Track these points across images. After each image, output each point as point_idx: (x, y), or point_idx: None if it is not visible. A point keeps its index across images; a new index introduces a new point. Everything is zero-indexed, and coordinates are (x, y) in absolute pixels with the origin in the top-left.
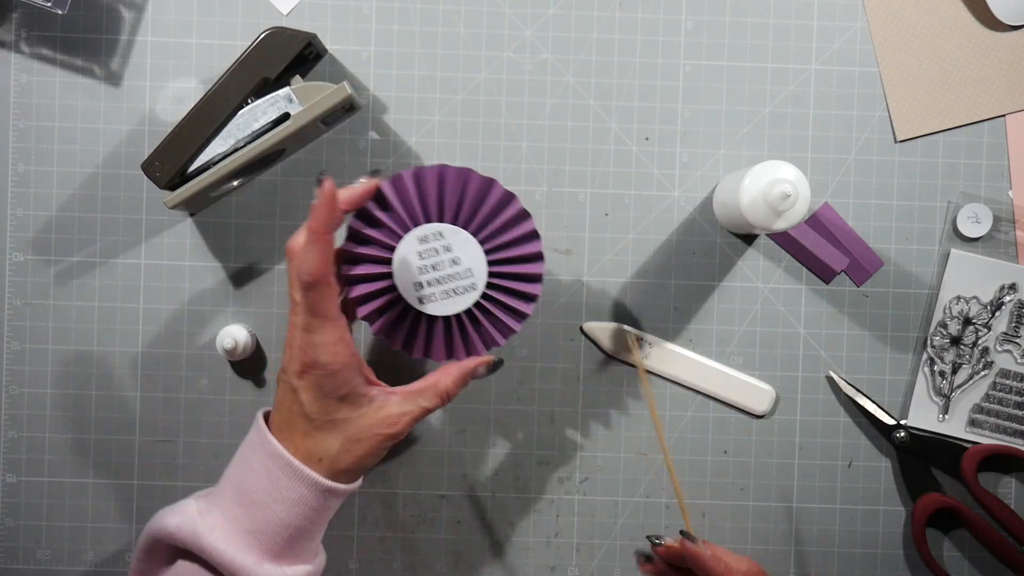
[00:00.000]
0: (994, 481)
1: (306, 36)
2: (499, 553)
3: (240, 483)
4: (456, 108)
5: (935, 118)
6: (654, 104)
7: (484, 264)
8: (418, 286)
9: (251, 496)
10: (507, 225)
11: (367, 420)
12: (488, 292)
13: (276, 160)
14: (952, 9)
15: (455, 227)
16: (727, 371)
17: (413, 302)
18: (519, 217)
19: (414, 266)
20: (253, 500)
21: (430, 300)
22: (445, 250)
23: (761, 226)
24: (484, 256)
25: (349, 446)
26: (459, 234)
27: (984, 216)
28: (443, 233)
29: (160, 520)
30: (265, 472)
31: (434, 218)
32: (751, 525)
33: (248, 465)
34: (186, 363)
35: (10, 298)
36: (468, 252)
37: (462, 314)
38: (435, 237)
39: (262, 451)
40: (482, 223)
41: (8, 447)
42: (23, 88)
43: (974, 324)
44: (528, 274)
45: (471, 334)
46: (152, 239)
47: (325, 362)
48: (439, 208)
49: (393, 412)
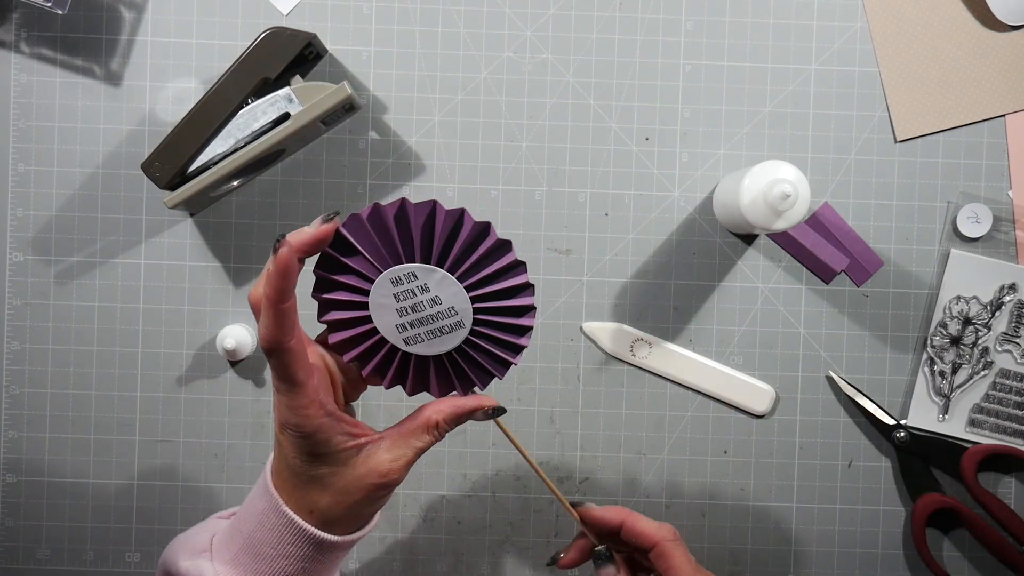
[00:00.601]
0: (994, 481)
1: (306, 36)
2: (499, 553)
3: (249, 532)
4: (456, 108)
5: (935, 118)
6: (654, 104)
7: (467, 301)
8: (401, 328)
9: (257, 548)
10: (486, 257)
11: (355, 472)
12: (477, 328)
13: (276, 160)
14: (952, 9)
15: (428, 266)
16: (727, 371)
17: (399, 344)
18: (498, 248)
19: (392, 309)
20: (259, 552)
21: (416, 341)
22: (422, 290)
23: (761, 226)
24: (466, 292)
25: (339, 498)
26: (434, 273)
27: (984, 216)
28: (416, 274)
29: (173, 554)
30: (270, 525)
31: (403, 259)
32: (751, 525)
33: (254, 513)
34: (186, 363)
35: (10, 298)
36: (447, 290)
37: (453, 352)
38: (408, 279)
39: (266, 503)
40: (458, 258)
41: (8, 447)
42: (23, 88)
43: (974, 324)
44: (517, 307)
45: (466, 370)
46: (152, 239)
47: (296, 424)
48: (407, 247)
49: (383, 460)
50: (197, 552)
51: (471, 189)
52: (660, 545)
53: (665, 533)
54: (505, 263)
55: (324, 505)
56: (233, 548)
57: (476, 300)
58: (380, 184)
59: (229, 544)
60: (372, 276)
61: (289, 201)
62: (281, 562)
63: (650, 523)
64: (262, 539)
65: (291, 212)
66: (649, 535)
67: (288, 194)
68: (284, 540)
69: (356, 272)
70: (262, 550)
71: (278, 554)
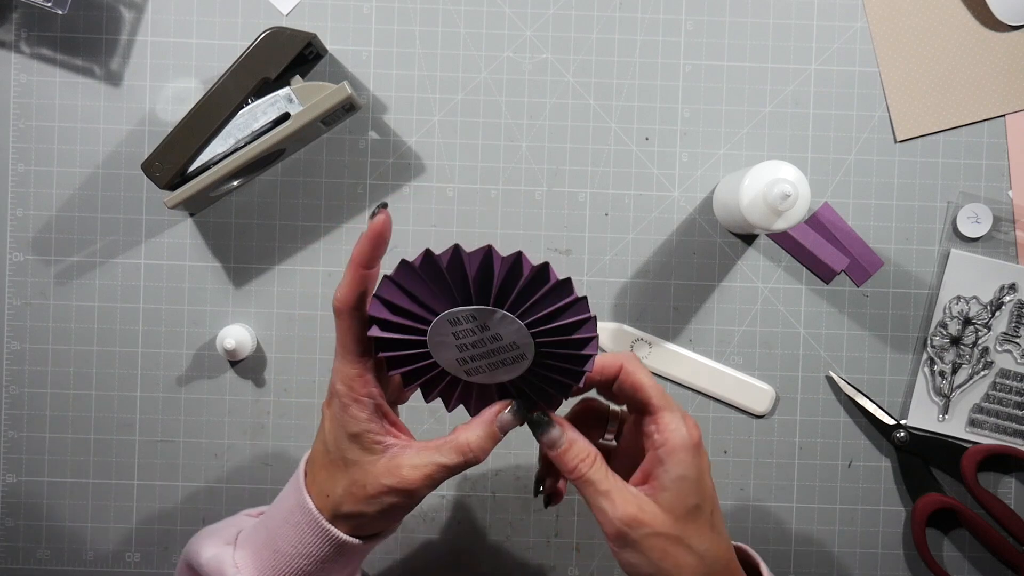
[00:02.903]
0: (994, 481)
1: (306, 36)
2: (499, 553)
3: (274, 528)
4: (456, 108)
5: (935, 118)
6: (654, 104)
7: (529, 336)
8: (461, 361)
9: (278, 544)
10: (547, 296)
11: (376, 467)
12: (541, 360)
13: (276, 160)
14: (952, 9)
15: (487, 307)
16: (727, 371)
17: (460, 375)
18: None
19: (452, 345)
20: (279, 548)
21: (477, 372)
22: (482, 329)
23: (761, 226)
24: (527, 329)
25: (354, 489)
26: (494, 313)
27: (984, 216)
28: (475, 315)
29: (197, 544)
30: (293, 522)
31: (460, 302)
32: (751, 525)
33: (282, 509)
34: (186, 363)
35: (10, 298)
36: (507, 327)
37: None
38: (467, 319)
39: (294, 499)
40: (516, 300)
41: (8, 447)
42: (23, 88)
43: (974, 324)
44: (579, 339)
45: (528, 394)
46: (152, 239)
47: (340, 392)
48: (463, 291)
49: (404, 464)
50: (221, 544)
51: (471, 189)
52: None
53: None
54: (566, 301)
55: (340, 491)
56: (257, 542)
57: (538, 336)
58: (380, 184)
59: (253, 538)
60: (428, 318)
61: (289, 201)
62: (299, 560)
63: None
64: (284, 536)
65: (291, 212)
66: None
67: (288, 194)
68: (305, 538)
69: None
70: (283, 547)
71: (297, 552)
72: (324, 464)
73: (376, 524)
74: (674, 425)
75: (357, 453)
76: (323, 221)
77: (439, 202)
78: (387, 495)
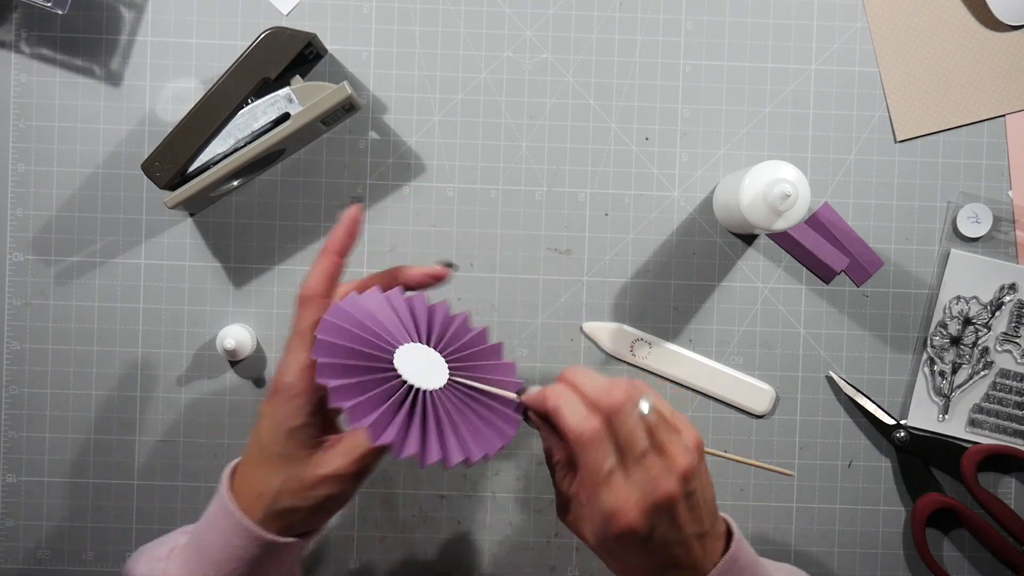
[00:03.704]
0: (994, 481)
1: (306, 36)
2: (499, 553)
3: (200, 536)
4: (456, 108)
5: (935, 118)
6: (654, 104)
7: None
8: None
9: (205, 550)
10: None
11: (311, 459)
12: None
13: (276, 160)
14: (952, 9)
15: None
16: (727, 371)
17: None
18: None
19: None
20: (207, 555)
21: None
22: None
23: (761, 226)
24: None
25: (291, 483)
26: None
27: (984, 216)
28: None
29: (132, 564)
30: (218, 527)
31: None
32: (751, 525)
33: (209, 515)
34: (186, 363)
35: (10, 298)
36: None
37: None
38: None
39: (216, 504)
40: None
41: (8, 447)
42: (23, 88)
43: (974, 324)
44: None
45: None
46: (152, 239)
47: (288, 383)
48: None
49: (336, 454)
50: (154, 561)
51: (471, 189)
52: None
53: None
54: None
55: (276, 486)
56: (187, 554)
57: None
58: (380, 184)
59: (185, 551)
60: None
61: (289, 201)
62: (229, 564)
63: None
64: (212, 542)
65: (291, 212)
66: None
67: (288, 194)
68: (231, 541)
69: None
70: (212, 553)
71: (226, 557)
72: (258, 463)
73: (309, 521)
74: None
75: (294, 447)
76: (323, 221)
77: (439, 202)
78: (322, 485)
